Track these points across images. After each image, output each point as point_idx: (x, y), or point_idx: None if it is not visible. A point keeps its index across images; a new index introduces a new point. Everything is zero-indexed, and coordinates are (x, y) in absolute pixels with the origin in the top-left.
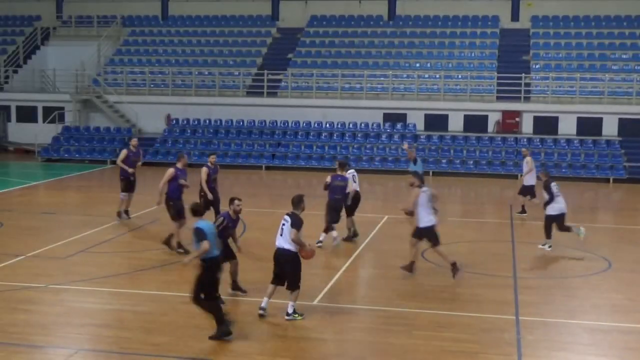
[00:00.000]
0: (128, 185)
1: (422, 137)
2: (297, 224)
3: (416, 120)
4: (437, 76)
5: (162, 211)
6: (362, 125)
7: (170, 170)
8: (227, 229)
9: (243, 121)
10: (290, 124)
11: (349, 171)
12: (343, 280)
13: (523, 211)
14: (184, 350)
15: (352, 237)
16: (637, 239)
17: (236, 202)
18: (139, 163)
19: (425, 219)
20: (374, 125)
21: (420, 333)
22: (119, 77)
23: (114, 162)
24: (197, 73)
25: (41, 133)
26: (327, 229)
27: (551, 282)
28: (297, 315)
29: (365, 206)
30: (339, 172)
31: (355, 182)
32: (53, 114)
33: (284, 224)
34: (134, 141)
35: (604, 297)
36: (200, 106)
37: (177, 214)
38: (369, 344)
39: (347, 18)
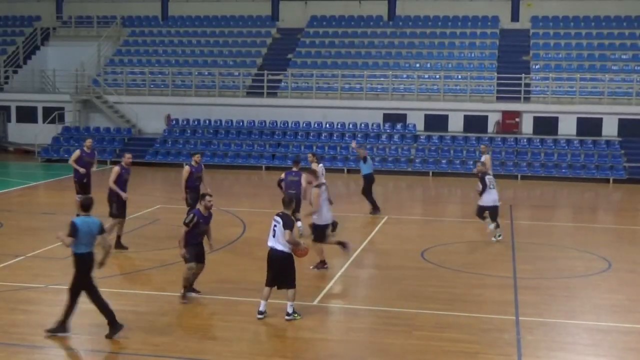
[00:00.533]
0: (81, 187)
1: (422, 137)
2: (289, 225)
3: (416, 120)
4: (437, 76)
5: (162, 212)
6: (362, 125)
7: (116, 169)
8: (198, 225)
9: (243, 121)
10: (290, 125)
11: (320, 165)
12: (343, 280)
13: None
14: (184, 350)
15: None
16: (637, 239)
17: (207, 198)
18: (94, 166)
19: (325, 216)
20: (374, 125)
21: (420, 333)
22: (119, 78)
23: (114, 163)
24: (197, 73)
25: (41, 133)
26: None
27: (551, 282)
28: (296, 315)
29: (365, 206)
30: (293, 169)
31: (322, 174)
32: (53, 114)
33: (275, 225)
34: (89, 142)
35: (604, 297)
36: (200, 106)
37: (117, 211)
38: (369, 344)
39: (347, 18)
